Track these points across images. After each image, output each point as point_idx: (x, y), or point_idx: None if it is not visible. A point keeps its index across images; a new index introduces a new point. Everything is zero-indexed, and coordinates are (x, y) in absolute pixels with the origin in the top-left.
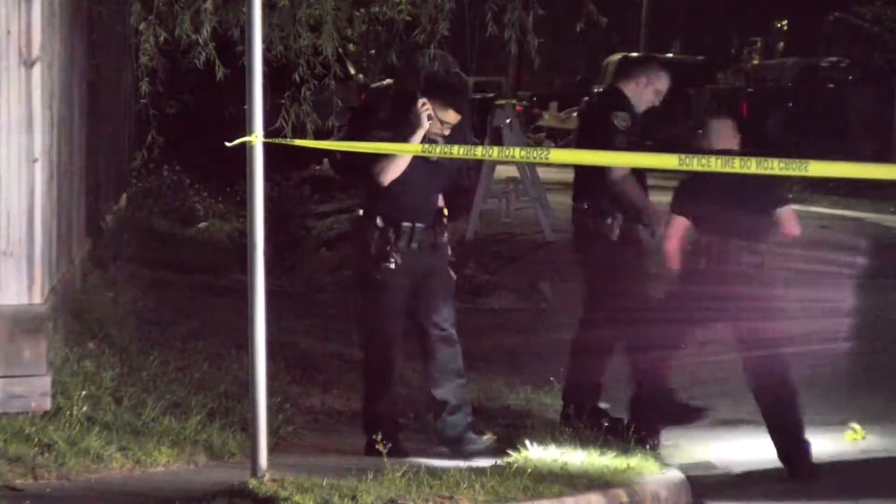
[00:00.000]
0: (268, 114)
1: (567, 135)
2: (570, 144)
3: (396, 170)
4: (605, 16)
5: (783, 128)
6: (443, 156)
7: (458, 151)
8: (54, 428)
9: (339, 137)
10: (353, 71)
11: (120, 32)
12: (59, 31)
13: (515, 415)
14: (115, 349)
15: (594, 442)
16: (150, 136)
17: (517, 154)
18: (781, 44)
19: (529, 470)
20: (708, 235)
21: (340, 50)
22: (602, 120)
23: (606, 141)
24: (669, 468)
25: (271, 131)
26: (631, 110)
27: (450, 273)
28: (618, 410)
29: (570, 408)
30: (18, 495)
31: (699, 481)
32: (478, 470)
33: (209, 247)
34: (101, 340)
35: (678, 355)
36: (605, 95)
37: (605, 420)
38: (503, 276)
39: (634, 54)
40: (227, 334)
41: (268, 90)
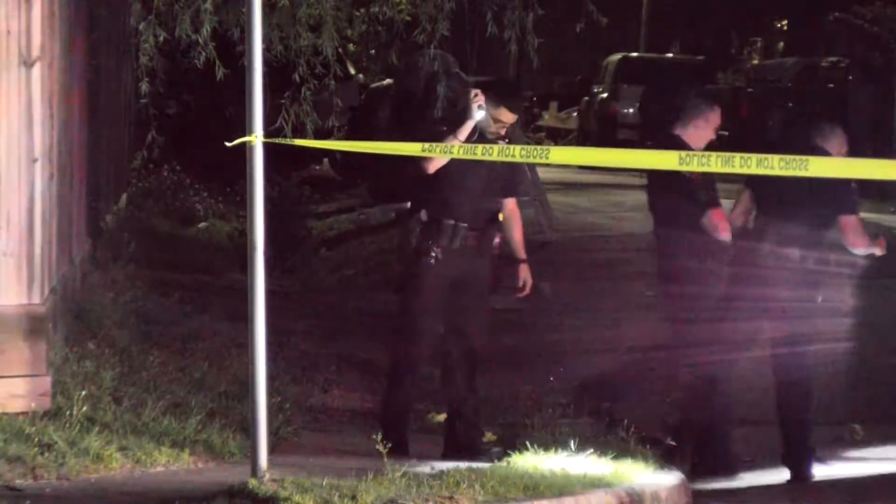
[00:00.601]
0: (268, 114)
1: (567, 134)
2: (571, 144)
3: (440, 159)
4: (605, 16)
5: (783, 128)
6: (442, 155)
7: (457, 151)
8: (54, 428)
9: (338, 137)
10: (353, 71)
11: (120, 32)
12: (59, 31)
13: (515, 415)
14: (115, 349)
15: (594, 442)
16: (150, 136)
17: (517, 154)
18: (781, 44)
19: (529, 470)
20: (765, 218)
21: (340, 50)
22: (673, 173)
23: (687, 196)
24: (669, 468)
25: (271, 131)
26: None
27: (488, 281)
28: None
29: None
30: (18, 495)
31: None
32: (478, 470)
33: (209, 247)
34: (101, 340)
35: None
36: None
37: (606, 420)
38: (503, 276)
39: (634, 54)
40: (227, 334)
41: (268, 90)
